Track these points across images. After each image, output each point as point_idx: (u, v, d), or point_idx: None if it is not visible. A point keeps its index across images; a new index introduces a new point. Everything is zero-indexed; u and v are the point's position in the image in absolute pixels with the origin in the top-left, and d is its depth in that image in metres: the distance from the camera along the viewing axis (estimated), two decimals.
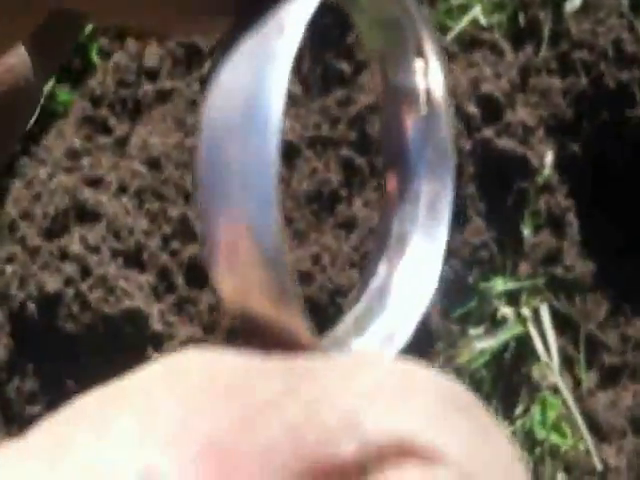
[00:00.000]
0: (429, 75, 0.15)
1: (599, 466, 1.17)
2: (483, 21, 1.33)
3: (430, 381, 0.11)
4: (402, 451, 0.10)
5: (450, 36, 1.30)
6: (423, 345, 1.17)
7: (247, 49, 0.12)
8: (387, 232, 0.15)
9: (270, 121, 0.12)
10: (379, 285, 0.15)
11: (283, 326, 0.12)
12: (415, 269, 0.15)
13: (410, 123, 0.15)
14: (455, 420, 0.11)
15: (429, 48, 0.15)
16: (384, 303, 0.15)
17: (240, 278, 0.12)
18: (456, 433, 0.10)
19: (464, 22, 1.31)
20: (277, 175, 0.12)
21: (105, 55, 1.25)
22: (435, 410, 0.11)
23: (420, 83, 0.15)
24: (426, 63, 0.15)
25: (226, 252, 0.12)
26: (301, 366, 0.11)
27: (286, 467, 0.10)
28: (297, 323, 0.12)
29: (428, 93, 0.15)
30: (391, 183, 0.15)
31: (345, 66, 1.24)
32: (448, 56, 1.29)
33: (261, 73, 0.12)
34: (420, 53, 0.15)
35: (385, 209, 0.16)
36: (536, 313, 1.22)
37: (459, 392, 0.11)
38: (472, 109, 1.21)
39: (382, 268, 0.15)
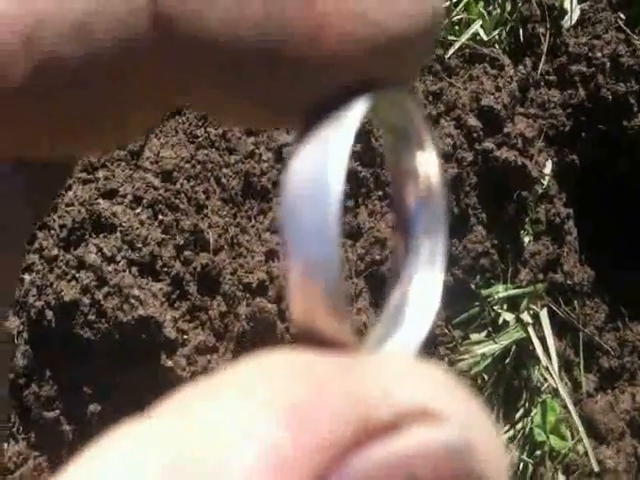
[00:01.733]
0: (428, 164, 0.21)
1: (597, 467, 1.20)
2: (484, 36, 1.37)
3: (437, 370, 0.17)
4: (423, 413, 0.15)
5: (451, 51, 1.34)
6: (427, 350, 1.20)
7: (314, 144, 0.18)
8: (398, 273, 0.21)
9: (331, 199, 0.17)
10: (395, 307, 0.21)
11: (338, 338, 0.18)
12: (421, 295, 0.21)
13: (413, 198, 0.21)
14: (455, 394, 0.16)
15: (428, 144, 0.21)
16: (400, 320, 0.21)
17: (309, 303, 0.17)
18: (456, 402, 0.16)
19: (465, 37, 1.35)
20: (337, 235, 0.17)
21: None
22: (444, 388, 0.16)
23: (421, 170, 0.21)
24: (425, 154, 0.21)
25: (301, 284, 0.17)
26: (352, 359, 0.17)
27: (346, 424, 0.14)
28: (348, 335, 0.18)
29: (427, 177, 0.21)
30: (400, 240, 0.21)
31: None
32: (450, 70, 1.33)
33: (323, 161, 0.17)
34: (421, 147, 0.21)
35: (397, 258, 0.21)
36: (536, 318, 1.26)
37: (454, 380, 0.17)
38: (473, 121, 1.24)
39: (397, 296, 0.21)
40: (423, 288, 0.21)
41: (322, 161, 0.17)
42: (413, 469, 0.14)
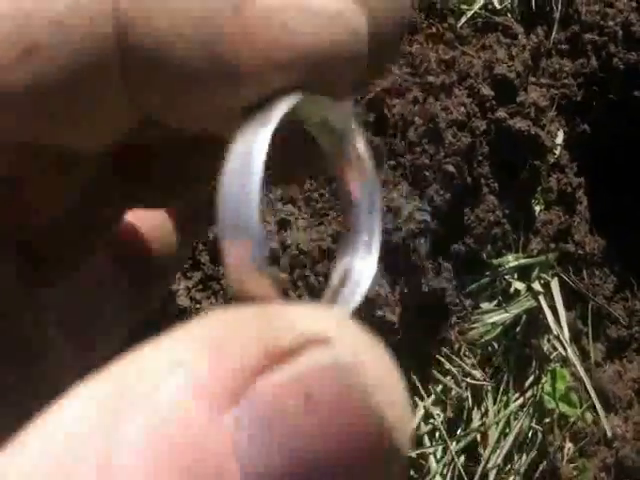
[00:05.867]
0: (358, 154, 0.24)
1: (610, 433, 1.22)
2: (496, 4, 1.36)
3: (345, 318, 0.18)
4: (320, 340, 0.17)
5: (463, 19, 1.33)
6: (438, 319, 1.21)
7: (247, 131, 0.21)
8: (343, 251, 0.25)
9: (254, 171, 0.19)
10: (339, 280, 0.24)
11: (263, 294, 0.19)
12: (361, 264, 0.24)
13: (351, 184, 0.24)
14: (356, 333, 0.18)
15: (355, 138, 0.24)
16: (341, 292, 0.24)
17: (237, 265, 0.20)
18: (353, 334, 0.18)
19: (477, 6, 1.34)
20: (257, 202, 0.19)
21: None
22: (347, 326, 0.18)
23: (353, 159, 0.24)
24: (358, 153, 0.24)
25: (230, 247, 0.19)
26: (272, 308, 0.18)
27: (255, 352, 0.16)
28: (270, 291, 0.19)
29: (360, 165, 0.24)
30: (347, 221, 0.25)
31: None
32: (462, 39, 1.32)
33: (250, 143, 0.20)
34: (348, 142, 0.24)
35: (344, 237, 0.25)
36: (547, 288, 1.26)
37: (365, 330, 0.18)
38: (486, 91, 1.24)
39: (343, 264, 0.24)
40: (362, 258, 0.24)
41: (247, 147, 0.20)
42: (309, 388, 0.16)
